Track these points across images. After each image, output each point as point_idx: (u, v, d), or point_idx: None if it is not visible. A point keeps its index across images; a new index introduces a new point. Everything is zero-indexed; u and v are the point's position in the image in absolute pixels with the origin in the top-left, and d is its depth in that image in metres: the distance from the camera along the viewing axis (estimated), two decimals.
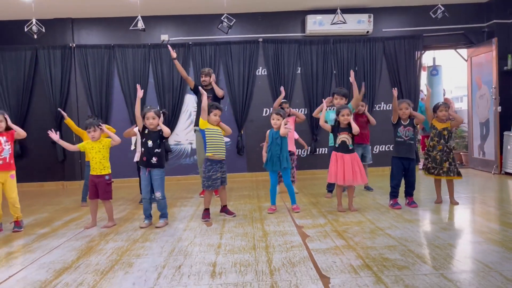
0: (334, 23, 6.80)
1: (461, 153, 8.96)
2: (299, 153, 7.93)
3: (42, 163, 7.83)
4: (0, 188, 4.47)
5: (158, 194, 4.49)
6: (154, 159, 4.43)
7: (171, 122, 7.78)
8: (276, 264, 3.15)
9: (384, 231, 3.97)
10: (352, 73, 5.58)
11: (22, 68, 7.70)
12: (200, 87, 5.06)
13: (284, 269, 3.04)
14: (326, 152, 7.90)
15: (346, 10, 7.48)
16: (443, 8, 6.62)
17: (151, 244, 3.83)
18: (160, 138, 4.46)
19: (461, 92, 11.72)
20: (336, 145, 4.86)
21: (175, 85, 7.83)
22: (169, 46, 6.21)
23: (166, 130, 4.44)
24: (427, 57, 9.89)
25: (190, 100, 7.86)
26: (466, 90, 8.83)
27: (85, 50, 7.78)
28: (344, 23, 6.77)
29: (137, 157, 5.81)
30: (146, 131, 4.44)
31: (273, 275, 2.94)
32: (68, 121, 5.86)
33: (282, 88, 6.09)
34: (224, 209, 4.87)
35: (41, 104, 7.82)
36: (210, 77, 6.10)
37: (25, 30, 6.52)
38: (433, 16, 6.72)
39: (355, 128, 4.74)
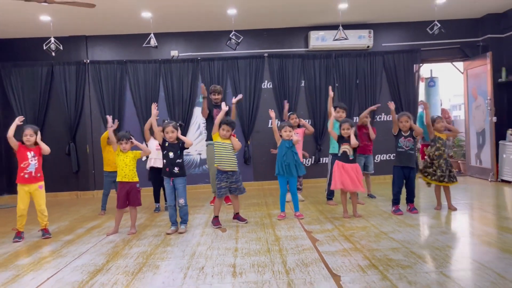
0: (336, 39, 7.18)
1: (459, 162, 9.29)
2: (304, 163, 8.24)
3: (57, 174, 8.14)
4: (28, 198, 4.78)
5: (181, 201, 4.80)
6: (176, 169, 4.77)
7: (181, 133, 8.10)
8: (290, 265, 3.46)
9: (387, 235, 4.28)
10: (330, 88, 6.09)
11: (39, 83, 8.06)
12: (222, 104, 5.33)
13: (298, 269, 3.35)
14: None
15: (348, 26, 7.86)
16: (439, 25, 7.00)
17: (172, 248, 4.15)
18: (180, 149, 4.79)
19: (459, 100, 12.08)
20: (339, 154, 5.19)
21: (185, 99, 8.18)
22: (202, 86, 6.33)
23: (188, 141, 4.80)
24: (425, 69, 10.25)
25: (198, 112, 8.18)
26: (463, 98, 9.19)
27: (99, 66, 8.14)
28: (346, 39, 7.17)
29: (149, 163, 6.13)
30: (166, 144, 4.77)
31: (289, 274, 3.25)
32: (110, 131, 6.00)
33: (285, 102, 6.43)
34: (237, 216, 5.19)
35: (56, 118, 8.17)
36: (221, 94, 6.39)
37: (44, 48, 6.89)
38: (430, 32, 7.10)
39: (353, 142, 5.09)
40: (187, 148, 4.92)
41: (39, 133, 4.88)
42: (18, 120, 4.78)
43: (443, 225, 4.68)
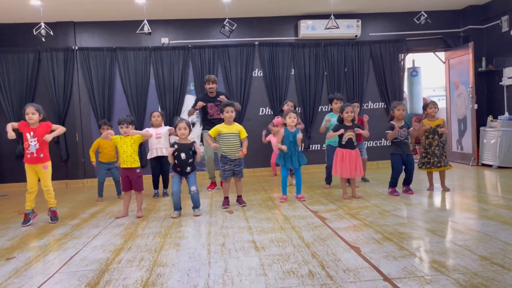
0: (327, 28, 7.35)
1: None
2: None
3: None
4: (35, 176, 4.75)
5: (193, 188, 4.84)
6: (188, 169, 4.83)
7: (173, 121, 8.12)
8: (308, 240, 3.61)
9: (391, 212, 4.50)
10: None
11: (25, 70, 7.89)
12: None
13: (317, 243, 3.50)
14: (319, 148, 8.44)
15: (336, 16, 8.00)
16: (426, 15, 7.27)
17: (186, 228, 4.22)
18: (192, 150, 4.83)
19: (438, 92, 12.51)
20: (343, 142, 5.34)
21: (176, 86, 8.19)
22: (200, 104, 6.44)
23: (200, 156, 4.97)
24: (407, 59, 10.58)
25: (190, 101, 8.19)
26: (442, 90, 9.56)
27: (87, 53, 8.03)
28: (337, 27, 7.33)
29: (150, 155, 6.15)
30: (175, 146, 4.80)
31: (310, 247, 3.40)
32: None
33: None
34: (238, 199, 5.31)
35: (44, 106, 7.72)
36: (216, 84, 6.47)
37: (34, 33, 6.77)
38: (417, 22, 7.36)
39: (366, 133, 5.39)
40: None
41: (42, 112, 4.81)
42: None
43: (440, 203, 4.93)
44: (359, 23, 8.36)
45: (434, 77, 11.33)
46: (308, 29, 8.31)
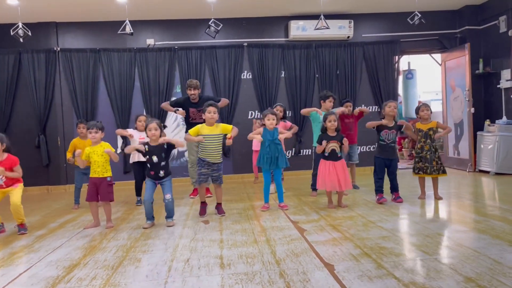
0: (317, 29, 7.06)
1: None
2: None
3: (26, 167, 7.57)
4: (4, 196, 4.49)
5: (168, 196, 4.54)
6: (161, 173, 4.53)
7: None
8: (280, 255, 3.31)
9: (375, 224, 4.19)
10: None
11: (5, 71, 7.63)
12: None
13: (289, 259, 3.20)
14: (310, 153, 8.13)
15: (328, 16, 7.74)
16: (420, 15, 6.97)
17: (154, 241, 3.93)
18: (164, 151, 4.53)
19: (431, 96, 12.18)
20: (326, 154, 5.04)
21: (161, 89, 7.91)
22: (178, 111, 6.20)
23: (178, 142, 4.63)
24: (403, 61, 10.29)
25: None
26: (434, 94, 9.27)
27: (70, 54, 7.77)
28: (327, 28, 7.04)
29: (133, 159, 5.86)
30: (146, 148, 4.50)
31: (280, 264, 3.10)
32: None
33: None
34: (217, 207, 5.00)
35: (24, 108, 7.75)
36: (199, 90, 6.18)
37: (12, 33, 6.52)
38: (411, 23, 7.05)
39: (346, 148, 5.05)
40: (174, 148, 4.66)
41: (6, 141, 4.51)
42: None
43: (430, 214, 4.62)
44: (351, 23, 8.07)
45: (432, 80, 10.99)
46: (299, 30, 8.03)
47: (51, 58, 7.73)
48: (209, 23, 6.82)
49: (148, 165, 4.53)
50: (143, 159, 5.40)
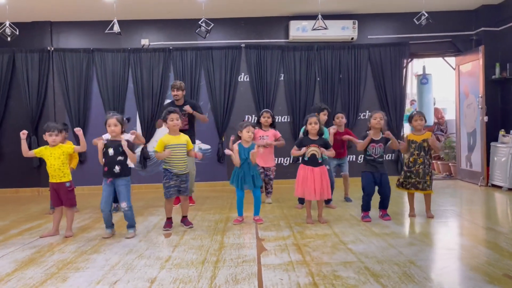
0: (315, 29, 6.62)
1: (450, 164, 8.70)
2: (282, 162, 7.73)
3: (18, 168, 7.63)
4: None
5: (123, 205, 4.23)
6: (117, 168, 4.18)
7: (150, 128, 7.60)
8: (218, 281, 2.93)
9: (346, 245, 3.74)
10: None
11: None
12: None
13: (225, 286, 2.82)
14: None
15: (330, 16, 7.30)
16: (426, 15, 6.41)
17: (98, 256, 3.62)
18: (122, 146, 4.22)
19: (448, 103, 11.42)
20: (306, 158, 4.62)
21: (155, 91, 7.65)
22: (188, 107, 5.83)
23: (131, 156, 4.24)
24: (418, 65, 9.71)
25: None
26: (451, 103, 8.65)
27: (64, 54, 7.62)
28: (325, 28, 6.59)
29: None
30: (104, 141, 4.21)
31: None
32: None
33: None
34: (183, 220, 4.66)
35: (17, 108, 7.66)
36: (183, 91, 5.89)
37: None
38: (417, 23, 6.51)
39: (330, 153, 4.60)
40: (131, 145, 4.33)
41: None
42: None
43: (413, 235, 4.12)
44: (356, 24, 7.56)
45: (449, 86, 10.28)
46: (299, 31, 7.60)
47: (45, 58, 7.60)
48: (199, 22, 6.51)
49: (104, 159, 4.22)
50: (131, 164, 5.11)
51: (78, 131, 4.34)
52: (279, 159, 7.64)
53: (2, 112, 7.61)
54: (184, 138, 4.59)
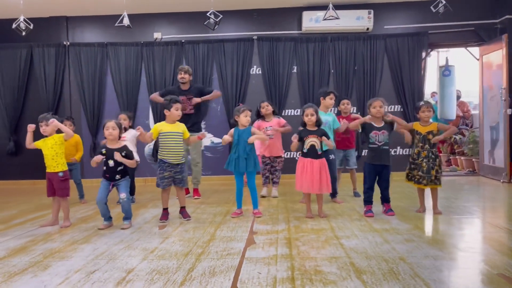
0: (326, 19, 6.45)
1: (473, 160, 8.31)
2: (292, 156, 7.59)
3: (35, 161, 7.72)
4: None
5: (122, 195, 4.25)
6: (117, 176, 4.26)
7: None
8: (195, 273, 2.86)
9: (339, 240, 3.59)
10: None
11: (18, 66, 7.76)
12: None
13: (198, 279, 2.75)
14: None
15: (344, 6, 7.12)
16: (444, 2, 6.11)
17: (87, 246, 3.62)
18: (123, 155, 4.22)
19: (471, 97, 10.87)
20: (305, 150, 4.49)
21: (167, 84, 7.66)
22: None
23: (130, 163, 4.24)
24: (440, 57, 9.32)
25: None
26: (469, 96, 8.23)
27: (79, 48, 7.75)
28: (336, 18, 6.41)
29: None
30: (103, 151, 4.22)
31: (182, 285, 2.66)
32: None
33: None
34: (181, 211, 4.62)
35: (35, 102, 7.85)
36: (190, 75, 5.91)
37: (13, 27, 6.55)
38: (434, 11, 6.23)
39: (329, 144, 4.46)
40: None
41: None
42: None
43: (414, 232, 3.91)
44: (371, 14, 7.32)
45: (474, 78, 9.82)
46: (312, 22, 7.42)
47: (61, 52, 7.76)
48: (208, 14, 6.44)
49: (104, 167, 4.25)
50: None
51: (52, 122, 4.32)
52: (290, 153, 7.49)
53: (20, 106, 7.82)
54: (181, 127, 4.54)
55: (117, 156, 4.14)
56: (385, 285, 2.58)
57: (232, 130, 4.61)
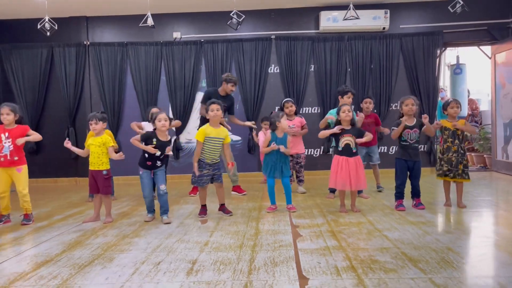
0: (346, 19, 6.61)
1: (485, 156, 8.53)
2: (312, 153, 7.76)
3: (56, 159, 7.93)
4: (7, 180, 4.53)
5: (163, 187, 4.46)
6: (159, 163, 4.47)
7: (183, 120, 7.73)
8: (257, 263, 3.01)
9: (381, 232, 3.76)
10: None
11: (38, 65, 7.84)
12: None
13: (264, 269, 2.90)
14: None
15: (361, 6, 7.27)
16: (462, 2, 6.29)
17: (139, 240, 3.76)
18: (169, 145, 4.50)
19: (477, 96, 11.08)
20: (340, 148, 4.64)
21: (187, 83, 7.79)
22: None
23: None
24: (451, 55, 9.52)
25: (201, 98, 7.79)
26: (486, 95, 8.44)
27: (99, 48, 7.85)
28: (357, 18, 6.58)
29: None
30: (154, 141, 4.37)
31: (251, 274, 2.81)
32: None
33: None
34: (222, 208, 4.76)
35: (56, 101, 7.94)
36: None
37: (38, 27, 6.64)
38: (452, 11, 6.40)
39: (368, 137, 4.57)
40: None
41: (19, 112, 4.60)
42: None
43: (449, 224, 4.10)
44: (387, 14, 7.49)
45: (485, 76, 10.03)
46: (330, 21, 7.58)
47: (81, 52, 7.85)
48: (231, 14, 6.58)
49: (146, 155, 4.40)
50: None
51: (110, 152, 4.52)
52: (309, 150, 7.66)
53: (41, 105, 7.90)
54: (224, 132, 4.67)
55: (169, 150, 4.38)
56: (443, 272, 2.74)
57: (269, 135, 4.73)
